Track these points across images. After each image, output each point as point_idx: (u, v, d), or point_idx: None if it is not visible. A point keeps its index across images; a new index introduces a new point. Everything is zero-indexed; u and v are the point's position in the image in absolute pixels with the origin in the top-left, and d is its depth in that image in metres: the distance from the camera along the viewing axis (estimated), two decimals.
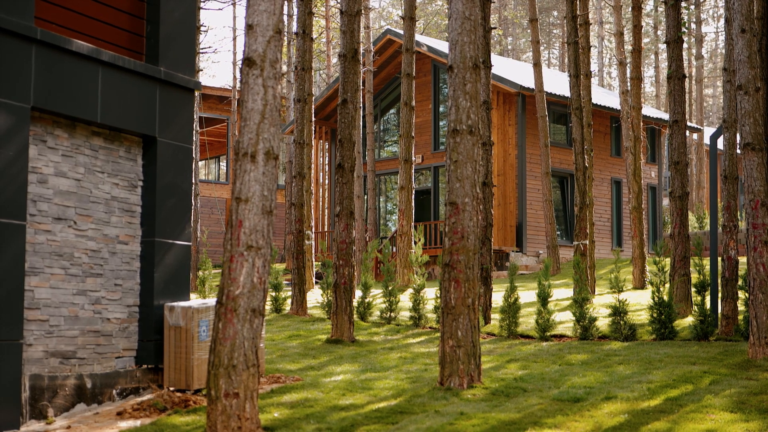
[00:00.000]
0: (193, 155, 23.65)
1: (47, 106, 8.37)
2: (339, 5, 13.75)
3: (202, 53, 25.90)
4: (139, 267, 9.42)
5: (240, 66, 7.78)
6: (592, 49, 55.93)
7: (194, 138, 24.85)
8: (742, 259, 16.91)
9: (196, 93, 24.05)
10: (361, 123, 28.11)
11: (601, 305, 15.38)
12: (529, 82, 27.14)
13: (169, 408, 8.51)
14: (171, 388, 9.22)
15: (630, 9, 21.25)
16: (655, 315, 12.26)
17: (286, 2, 32.40)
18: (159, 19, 9.63)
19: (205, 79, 68.34)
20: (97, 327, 8.94)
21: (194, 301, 9.66)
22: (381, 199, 31.38)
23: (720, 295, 12.37)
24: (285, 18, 48.33)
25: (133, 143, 9.47)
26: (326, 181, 32.23)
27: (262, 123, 7.44)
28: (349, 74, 13.27)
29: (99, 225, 9.03)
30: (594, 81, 50.28)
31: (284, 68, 34.03)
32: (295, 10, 21.79)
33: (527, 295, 17.67)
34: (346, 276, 13.10)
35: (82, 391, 8.64)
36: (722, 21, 55.07)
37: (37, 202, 8.41)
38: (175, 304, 9.32)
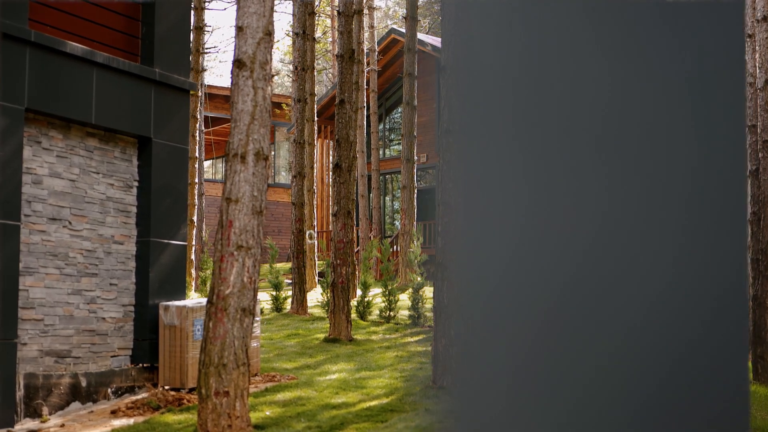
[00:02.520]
0: (198, 155, 23.66)
1: (41, 108, 8.46)
2: (338, 6, 13.81)
3: (207, 53, 25.99)
4: (134, 267, 9.51)
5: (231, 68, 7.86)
6: None
7: (200, 137, 24.96)
8: None
9: (201, 93, 24.10)
10: (364, 123, 28.21)
11: None
12: None
13: (163, 406, 8.59)
14: (166, 387, 9.31)
15: None
16: None
17: (291, 3, 32.45)
18: (154, 20, 9.72)
19: (211, 78, 68.51)
20: (93, 326, 9.03)
21: (189, 300, 9.75)
22: (387, 198, 31.45)
23: None
24: (290, 18, 48.25)
25: (129, 144, 9.55)
26: (331, 181, 32.33)
27: (252, 124, 7.51)
28: (347, 74, 13.34)
29: (94, 225, 9.12)
30: None
31: (290, 68, 34.10)
32: (296, 10, 21.88)
33: None
34: (344, 275, 13.16)
35: (77, 389, 8.73)
36: None
37: (31, 202, 8.50)
38: (170, 303, 9.40)
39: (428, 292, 16.66)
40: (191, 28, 15.60)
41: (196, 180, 23.36)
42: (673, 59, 0.62)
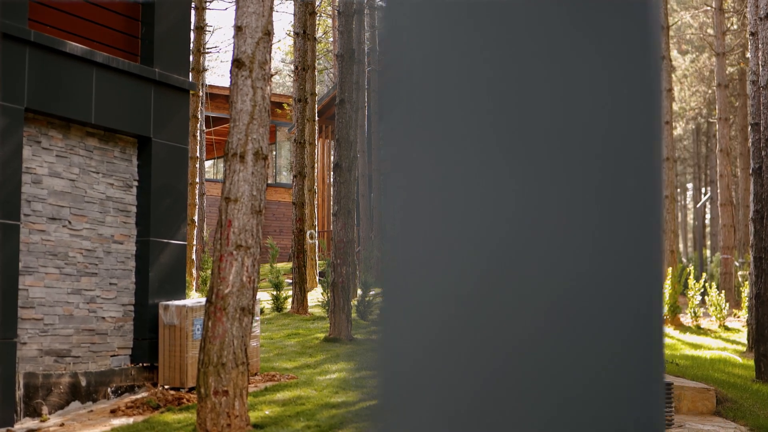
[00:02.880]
0: (199, 155, 23.66)
1: (41, 108, 8.47)
2: (338, 6, 13.87)
3: (208, 53, 26.00)
4: (134, 266, 9.52)
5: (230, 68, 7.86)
6: None
7: (201, 137, 24.97)
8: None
9: (203, 93, 24.12)
10: (366, 122, 28.21)
11: None
12: None
13: (162, 406, 8.59)
14: (165, 386, 9.31)
15: None
16: None
17: (292, 2, 32.45)
18: (154, 20, 9.72)
19: (213, 78, 68.63)
20: (92, 326, 9.04)
21: (189, 300, 9.75)
22: None
23: None
24: (291, 17, 48.21)
25: (128, 144, 9.56)
26: (332, 181, 32.31)
27: (251, 124, 7.52)
28: (347, 74, 13.34)
29: (94, 225, 9.12)
30: None
31: (291, 67, 34.10)
32: (297, 10, 21.94)
33: None
34: (345, 275, 13.16)
35: (77, 389, 8.73)
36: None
37: (31, 202, 8.51)
38: (169, 302, 9.40)
39: None
40: (192, 28, 15.60)
41: (197, 180, 23.37)
42: (581, 56, 0.61)
